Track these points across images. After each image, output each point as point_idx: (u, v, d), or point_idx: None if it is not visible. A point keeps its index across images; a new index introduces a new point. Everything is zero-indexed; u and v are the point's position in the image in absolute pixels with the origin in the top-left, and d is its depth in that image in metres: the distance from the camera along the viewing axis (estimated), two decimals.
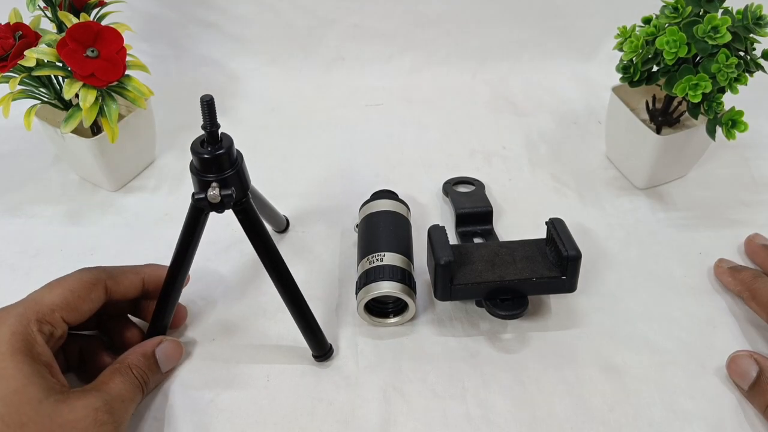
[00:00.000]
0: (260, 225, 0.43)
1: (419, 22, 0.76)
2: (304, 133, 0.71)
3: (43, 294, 0.41)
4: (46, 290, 0.42)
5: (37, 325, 0.39)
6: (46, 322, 0.40)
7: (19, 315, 0.39)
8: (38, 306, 0.40)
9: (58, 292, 0.42)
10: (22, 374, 0.37)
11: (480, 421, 0.45)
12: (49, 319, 0.40)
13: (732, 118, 0.52)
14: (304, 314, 0.46)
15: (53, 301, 0.41)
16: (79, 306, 0.42)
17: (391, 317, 0.50)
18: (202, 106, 0.37)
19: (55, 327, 0.41)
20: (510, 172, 0.65)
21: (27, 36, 0.53)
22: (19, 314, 0.39)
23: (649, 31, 0.53)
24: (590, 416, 0.45)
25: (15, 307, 0.40)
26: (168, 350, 0.46)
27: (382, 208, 0.54)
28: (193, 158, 0.39)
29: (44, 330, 0.40)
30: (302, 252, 0.57)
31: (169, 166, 0.66)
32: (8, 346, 0.37)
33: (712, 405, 0.45)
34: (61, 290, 0.42)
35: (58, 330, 0.41)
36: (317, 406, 0.46)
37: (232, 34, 0.77)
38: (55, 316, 0.41)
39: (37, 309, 0.40)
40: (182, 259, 0.45)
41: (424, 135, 0.71)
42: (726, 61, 0.49)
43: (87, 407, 0.38)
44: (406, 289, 0.48)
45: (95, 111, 0.53)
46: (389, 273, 0.48)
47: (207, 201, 0.39)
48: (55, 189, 0.64)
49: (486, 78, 0.78)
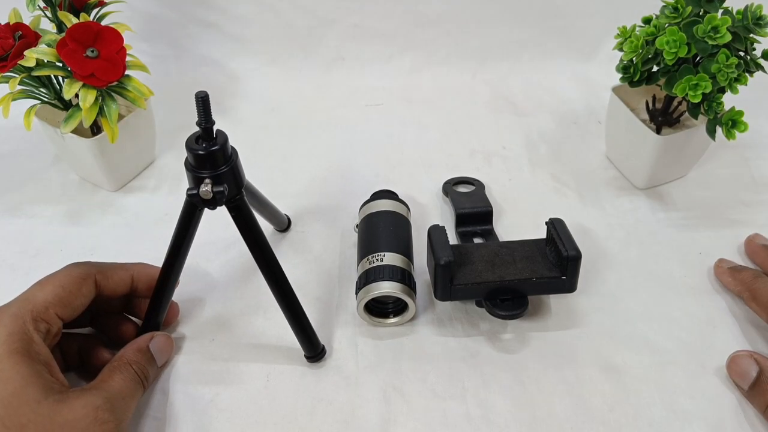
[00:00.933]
0: (254, 223, 0.43)
1: (419, 22, 0.76)
2: (304, 133, 0.71)
3: (35, 292, 0.41)
4: (37, 288, 0.42)
5: (33, 323, 0.39)
6: (41, 320, 0.40)
7: (14, 315, 0.39)
8: (32, 304, 0.40)
9: (49, 289, 0.41)
10: (20, 375, 0.36)
11: (480, 421, 0.45)
12: (44, 316, 0.40)
13: (732, 118, 0.52)
14: (297, 314, 0.46)
15: (46, 298, 0.41)
16: (72, 301, 0.42)
17: (391, 317, 0.50)
18: (196, 102, 0.37)
19: (50, 324, 0.40)
20: (510, 172, 0.65)
21: (27, 36, 0.53)
22: (13, 314, 0.39)
23: (649, 31, 0.53)
24: (590, 416, 0.45)
25: (8, 307, 0.40)
26: (160, 344, 0.47)
27: (382, 208, 0.54)
28: (188, 154, 0.39)
29: (40, 328, 0.40)
30: (302, 252, 0.57)
31: (168, 166, 0.66)
32: (5, 347, 0.37)
33: (712, 405, 0.45)
34: (52, 287, 0.42)
35: (54, 327, 0.41)
36: (317, 406, 0.46)
37: (232, 34, 0.77)
38: (49, 313, 0.40)
39: (31, 308, 0.40)
40: (176, 254, 0.45)
41: (424, 135, 0.71)
42: (726, 61, 0.49)
43: (87, 406, 0.37)
44: (406, 290, 0.48)
45: (95, 111, 0.53)
46: (389, 273, 0.48)
47: (199, 197, 0.39)
48: (55, 189, 0.64)
49: (486, 78, 0.78)
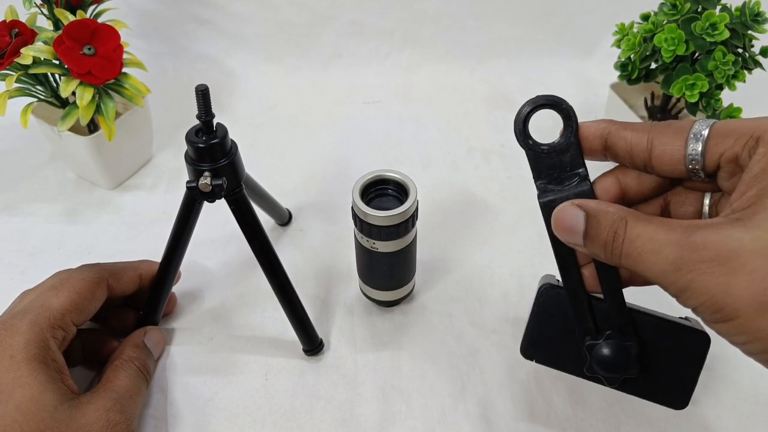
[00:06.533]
0: (253, 216, 0.43)
1: (417, 19, 0.76)
2: (302, 131, 0.70)
3: (51, 298, 0.41)
4: (52, 294, 0.41)
5: (51, 331, 0.39)
6: (58, 327, 0.40)
7: (32, 322, 0.39)
8: (49, 312, 0.40)
9: (65, 295, 0.41)
10: (38, 381, 0.37)
11: (479, 419, 0.45)
12: (61, 324, 0.40)
13: (730, 114, 0.52)
14: (295, 307, 0.46)
15: (62, 305, 0.41)
16: (86, 307, 0.42)
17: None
18: (197, 96, 0.37)
19: (66, 331, 0.41)
20: (509, 169, 0.65)
21: (23, 34, 0.53)
22: (31, 321, 0.39)
23: (648, 28, 0.53)
24: (590, 415, 0.45)
25: (25, 314, 0.40)
26: (155, 338, 0.47)
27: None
28: (188, 147, 0.39)
29: (57, 335, 0.40)
30: (300, 249, 0.57)
31: (166, 163, 0.66)
32: (23, 354, 0.37)
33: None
34: (67, 293, 0.42)
35: (69, 334, 0.41)
36: (316, 405, 0.46)
37: (229, 31, 0.77)
38: (65, 320, 0.41)
39: (48, 315, 0.40)
40: (175, 248, 0.45)
41: (422, 132, 0.70)
42: (723, 59, 0.49)
43: (99, 410, 0.38)
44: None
45: (92, 109, 0.53)
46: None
47: (198, 190, 0.39)
48: (52, 187, 0.63)
49: (484, 75, 0.78)
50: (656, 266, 0.28)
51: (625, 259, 0.30)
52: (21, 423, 0.36)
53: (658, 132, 0.32)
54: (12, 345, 0.38)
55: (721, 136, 0.30)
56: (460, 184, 0.64)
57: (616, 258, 0.30)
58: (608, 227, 0.30)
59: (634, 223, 0.29)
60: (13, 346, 0.38)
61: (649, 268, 0.29)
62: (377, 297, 0.50)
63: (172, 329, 0.50)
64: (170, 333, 0.50)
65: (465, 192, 0.63)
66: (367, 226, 0.43)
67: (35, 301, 0.41)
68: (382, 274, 0.48)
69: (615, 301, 0.35)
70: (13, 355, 0.37)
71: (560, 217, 0.33)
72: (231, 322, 0.51)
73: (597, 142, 0.34)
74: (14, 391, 0.36)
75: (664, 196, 0.36)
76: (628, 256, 0.29)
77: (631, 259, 0.29)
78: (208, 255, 0.56)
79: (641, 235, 0.29)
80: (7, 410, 0.36)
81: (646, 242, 0.29)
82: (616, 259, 0.30)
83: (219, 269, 0.55)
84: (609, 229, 0.30)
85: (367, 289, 0.50)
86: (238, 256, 0.56)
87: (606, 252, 0.31)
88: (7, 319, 0.39)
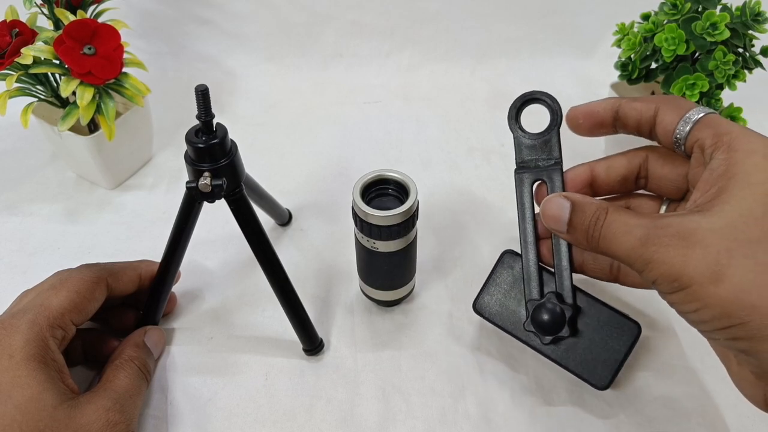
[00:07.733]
0: (253, 217, 0.43)
1: (417, 19, 0.76)
2: (302, 131, 0.70)
3: (50, 298, 0.41)
4: (51, 293, 0.41)
5: (50, 330, 0.39)
6: (57, 326, 0.40)
7: (31, 322, 0.39)
8: (48, 311, 0.40)
9: (64, 295, 0.41)
10: (37, 381, 0.37)
11: (479, 419, 0.45)
12: (60, 323, 0.40)
13: (730, 114, 0.52)
14: (295, 307, 0.46)
15: (61, 304, 0.41)
16: (86, 307, 0.42)
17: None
18: (196, 96, 0.37)
19: (66, 331, 0.41)
20: (509, 169, 0.65)
21: (24, 33, 0.53)
22: (30, 321, 0.39)
23: (648, 27, 0.53)
24: (590, 414, 0.45)
25: (24, 313, 0.40)
26: (155, 337, 0.47)
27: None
28: (187, 147, 0.39)
29: (56, 335, 0.40)
30: (300, 249, 0.57)
31: (166, 163, 0.66)
32: (23, 353, 0.37)
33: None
34: (67, 292, 0.41)
35: (69, 333, 0.41)
36: (316, 404, 0.46)
37: (229, 30, 0.77)
38: (65, 319, 0.40)
39: (47, 314, 0.40)
40: (175, 248, 0.45)
41: (423, 132, 0.70)
42: (723, 58, 0.49)
43: (98, 409, 0.38)
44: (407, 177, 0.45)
45: (92, 109, 0.53)
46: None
47: (198, 190, 0.39)
48: (52, 187, 0.63)
49: (484, 75, 0.78)
50: (626, 243, 0.33)
51: (603, 241, 0.34)
52: (20, 423, 0.36)
53: (663, 104, 0.37)
54: (11, 344, 0.38)
55: (707, 127, 0.35)
56: (461, 184, 0.64)
57: (595, 241, 0.35)
58: (591, 215, 0.35)
59: (613, 211, 0.34)
60: (12, 345, 0.38)
61: (620, 246, 0.33)
62: (377, 297, 0.50)
63: (172, 329, 0.51)
64: (170, 333, 0.50)
65: (465, 192, 0.63)
66: (367, 225, 0.43)
67: (34, 300, 0.41)
68: (383, 274, 0.48)
69: (561, 273, 0.41)
70: (12, 355, 0.37)
71: (548, 206, 0.37)
72: (231, 322, 0.51)
73: (609, 114, 0.40)
74: (13, 391, 0.36)
75: (626, 200, 0.42)
76: (604, 238, 0.34)
77: (606, 240, 0.34)
78: (208, 255, 0.56)
79: (617, 221, 0.34)
80: (7, 410, 0.36)
81: (621, 225, 0.33)
82: (595, 242, 0.35)
83: (219, 269, 0.55)
84: (592, 216, 0.35)
85: (368, 289, 0.50)
86: (238, 256, 0.56)
87: (587, 237, 0.35)
88: (7, 319, 0.39)
